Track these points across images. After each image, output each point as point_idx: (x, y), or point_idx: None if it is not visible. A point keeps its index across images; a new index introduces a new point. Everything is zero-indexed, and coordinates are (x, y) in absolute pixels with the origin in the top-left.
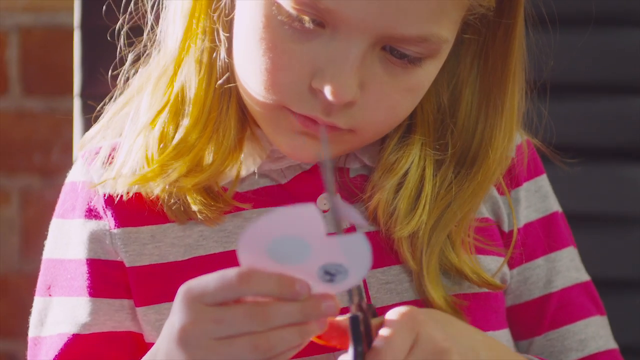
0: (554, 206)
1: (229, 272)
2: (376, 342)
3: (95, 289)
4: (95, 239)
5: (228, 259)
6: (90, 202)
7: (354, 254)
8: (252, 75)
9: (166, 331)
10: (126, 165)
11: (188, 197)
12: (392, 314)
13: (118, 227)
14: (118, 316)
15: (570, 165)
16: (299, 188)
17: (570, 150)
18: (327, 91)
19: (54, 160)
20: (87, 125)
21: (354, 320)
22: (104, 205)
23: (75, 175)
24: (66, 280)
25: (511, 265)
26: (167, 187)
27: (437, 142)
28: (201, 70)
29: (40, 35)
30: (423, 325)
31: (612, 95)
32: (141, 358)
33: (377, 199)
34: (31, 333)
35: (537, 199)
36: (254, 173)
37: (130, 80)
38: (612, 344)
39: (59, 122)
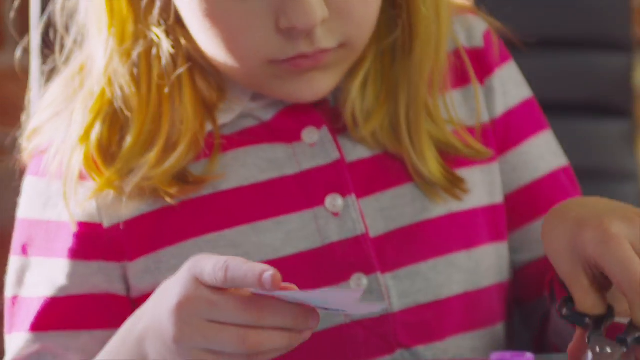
0: (528, 91)
1: (223, 263)
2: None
3: (73, 251)
4: (77, 201)
5: (220, 199)
6: None
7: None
8: (224, 54)
9: (163, 294)
10: (70, 177)
11: (161, 190)
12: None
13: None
14: (95, 279)
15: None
16: (282, 124)
17: None
18: (298, 22)
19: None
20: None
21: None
22: (85, 169)
23: (50, 134)
24: (44, 241)
25: (494, 157)
26: (136, 183)
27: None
28: (139, 75)
29: None
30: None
31: (577, 50)
32: (119, 320)
33: (350, 107)
34: (8, 292)
35: (512, 85)
36: (236, 116)
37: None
38: None
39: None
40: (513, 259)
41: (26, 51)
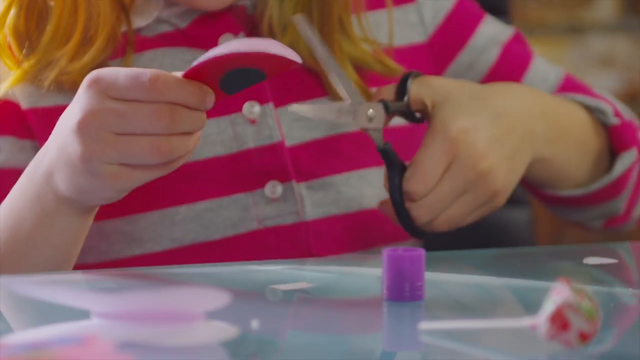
0: None
1: (143, 72)
2: (409, 170)
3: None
4: None
5: None
6: None
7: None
8: None
9: (64, 120)
10: None
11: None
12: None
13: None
14: (21, 155)
15: None
16: (199, 31)
17: None
18: None
19: None
20: None
21: (385, 151)
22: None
23: None
24: None
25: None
26: (54, 77)
27: None
28: None
29: None
30: (458, 142)
31: None
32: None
33: (267, 17)
34: None
35: None
36: (153, 20)
37: None
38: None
39: None
40: None
41: None
